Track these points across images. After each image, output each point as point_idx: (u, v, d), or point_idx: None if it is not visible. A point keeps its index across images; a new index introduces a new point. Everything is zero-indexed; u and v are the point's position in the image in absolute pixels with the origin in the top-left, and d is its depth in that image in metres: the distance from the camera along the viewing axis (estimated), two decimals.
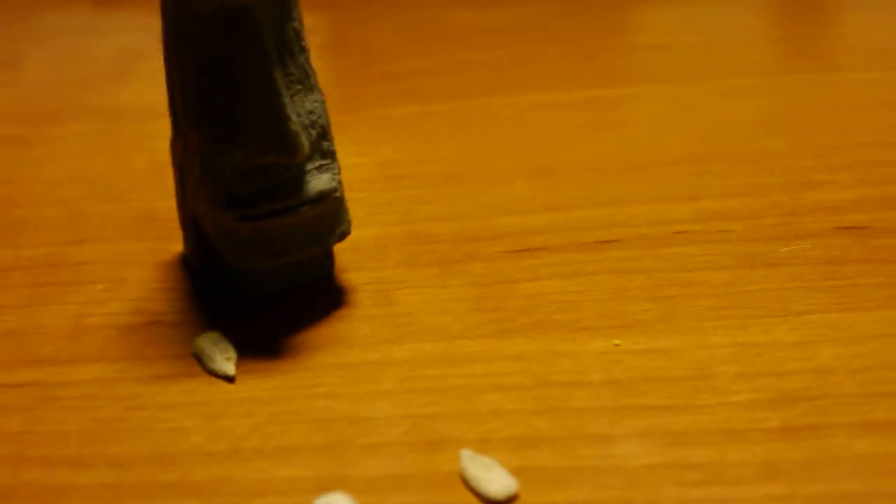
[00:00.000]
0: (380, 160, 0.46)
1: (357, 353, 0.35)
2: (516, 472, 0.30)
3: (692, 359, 0.34)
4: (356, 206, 0.40)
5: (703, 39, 0.56)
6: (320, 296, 0.38)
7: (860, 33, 0.57)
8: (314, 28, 0.58)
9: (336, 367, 0.35)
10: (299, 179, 0.35)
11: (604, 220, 0.41)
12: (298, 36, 0.35)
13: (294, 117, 0.34)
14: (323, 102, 0.36)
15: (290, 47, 0.35)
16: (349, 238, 0.38)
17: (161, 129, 0.38)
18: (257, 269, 0.36)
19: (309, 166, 0.36)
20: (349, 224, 0.37)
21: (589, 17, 0.59)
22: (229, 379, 0.34)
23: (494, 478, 0.30)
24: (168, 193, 0.40)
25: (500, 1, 0.61)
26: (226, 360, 0.35)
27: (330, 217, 0.36)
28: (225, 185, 0.35)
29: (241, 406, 0.33)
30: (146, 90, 0.52)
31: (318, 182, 0.36)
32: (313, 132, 0.35)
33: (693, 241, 0.39)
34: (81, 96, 0.54)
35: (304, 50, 0.35)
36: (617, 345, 0.35)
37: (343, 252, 0.39)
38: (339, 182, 0.36)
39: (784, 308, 0.36)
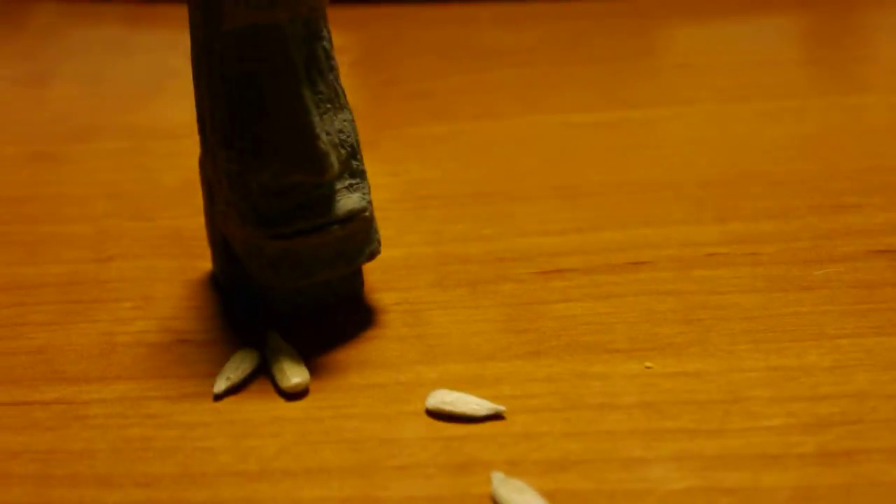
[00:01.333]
0: (409, 179, 0.46)
1: (387, 373, 0.35)
2: (547, 495, 0.30)
3: (725, 382, 0.34)
4: (385, 226, 0.40)
5: (733, 60, 0.56)
6: (349, 316, 0.37)
7: (891, 55, 0.57)
8: (344, 47, 0.59)
9: (365, 388, 0.34)
10: (329, 198, 0.35)
11: (634, 242, 0.40)
12: (328, 54, 0.35)
13: (324, 136, 0.34)
14: (352, 121, 0.36)
15: (319, 65, 0.35)
16: (378, 258, 0.37)
17: (190, 148, 0.38)
18: (286, 288, 0.36)
19: (339, 185, 0.35)
20: (379, 244, 0.37)
21: (617, 37, 0.59)
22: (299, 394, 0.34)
23: (526, 501, 0.29)
24: (196, 211, 0.40)
25: (529, 20, 0.61)
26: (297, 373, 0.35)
27: (359, 236, 0.36)
28: (254, 204, 0.35)
29: (269, 426, 0.33)
30: (176, 108, 0.52)
31: (347, 201, 0.35)
32: (343, 151, 0.35)
33: (724, 263, 0.39)
34: (111, 113, 0.54)
35: (333, 68, 0.35)
36: (649, 367, 0.34)
37: (372, 272, 0.39)
38: (369, 201, 0.36)
39: (818, 332, 0.35)
